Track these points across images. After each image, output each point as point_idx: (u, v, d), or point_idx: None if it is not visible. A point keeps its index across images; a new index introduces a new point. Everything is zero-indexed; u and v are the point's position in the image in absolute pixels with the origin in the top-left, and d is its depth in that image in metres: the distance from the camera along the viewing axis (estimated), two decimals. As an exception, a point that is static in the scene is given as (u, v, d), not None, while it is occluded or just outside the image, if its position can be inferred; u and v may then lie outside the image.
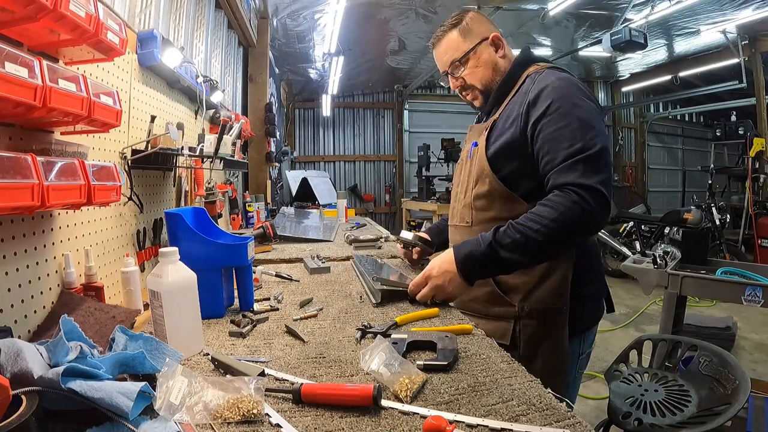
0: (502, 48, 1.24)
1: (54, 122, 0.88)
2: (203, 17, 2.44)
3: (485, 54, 1.22)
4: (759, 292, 1.87)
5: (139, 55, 1.43)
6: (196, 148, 1.71)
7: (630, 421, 1.25)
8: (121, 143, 1.31)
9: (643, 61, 6.98)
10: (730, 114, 6.14)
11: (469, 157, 1.25)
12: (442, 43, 1.26)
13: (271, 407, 0.65)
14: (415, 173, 6.37)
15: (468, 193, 1.22)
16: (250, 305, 1.11)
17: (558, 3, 4.36)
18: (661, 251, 2.30)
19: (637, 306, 4.39)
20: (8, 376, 0.56)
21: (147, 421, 0.59)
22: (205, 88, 2.01)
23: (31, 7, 0.69)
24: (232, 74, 3.29)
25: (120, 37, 0.95)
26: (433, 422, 0.58)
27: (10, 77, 0.64)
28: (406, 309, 1.13)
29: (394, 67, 6.65)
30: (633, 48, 4.41)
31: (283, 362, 0.82)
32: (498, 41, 1.23)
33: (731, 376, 1.28)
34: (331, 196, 4.80)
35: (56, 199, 0.75)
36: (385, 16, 4.77)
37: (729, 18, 4.89)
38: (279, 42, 4.89)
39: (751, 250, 5.31)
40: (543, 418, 0.63)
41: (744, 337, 3.55)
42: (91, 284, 1.02)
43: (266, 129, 3.72)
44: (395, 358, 0.75)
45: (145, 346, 0.71)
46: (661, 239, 5.09)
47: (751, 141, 5.51)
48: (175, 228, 1.04)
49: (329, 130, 7.85)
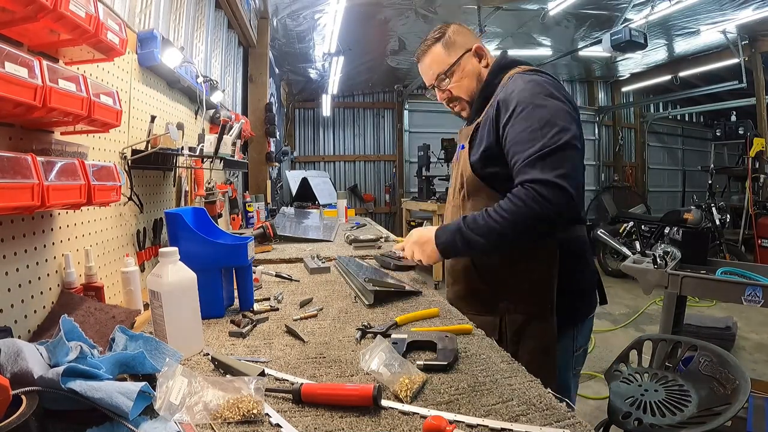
0: (485, 58, 1.27)
1: (54, 122, 0.88)
2: (203, 17, 2.44)
3: (469, 65, 1.26)
4: (759, 292, 1.87)
5: (139, 55, 1.43)
6: (196, 148, 1.71)
7: (630, 421, 1.25)
8: (121, 143, 1.31)
9: (643, 61, 6.98)
10: (730, 114, 6.14)
11: (457, 159, 1.30)
12: (427, 57, 1.29)
13: (271, 407, 0.65)
14: (415, 173, 6.37)
15: (456, 194, 1.27)
16: (250, 305, 1.11)
17: (558, 3, 4.36)
18: (661, 251, 2.30)
19: (637, 306, 4.39)
20: (8, 376, 0.56)
21: (147, 421, 0.59)
22: (205, 88, 2.01)
23: (31, 7, 0.69)
24: (232, 74, 3.29)
25: (120, 37, 0.95)
26: (433, 422, 0.58)
27: (10, 77, 0.64)
28: (406, 309, 1.13)
29: (394, 67, 6.65)
30: (633, 48, 4.40)
31: (283, 362, 0.82)
32: (481, 51, 1.27)
33: (731, 376, 1.28)
34: (331, 196, 4.80)
35: (56, 199, 0.75)
36: (385, 16, 4.77)
37: (729, 18, 4.88)
38: (279, 42, 4.88)
39: (751, 250, 5.31)
40: (543, 418, 0.63)
41: (744, 337, 3.55)
42: (91, 284, 1.02)
43: (266, 129, 3.72)
44: (395, 358, 0.75)
45: (145, 346, 0.71)
46: (661, 239, 5.09)
47: (751, 141, 5.51)
48: (175, 228, 1.04)
49: (329, 130, 7.85)
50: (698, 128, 9.15)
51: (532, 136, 1.05)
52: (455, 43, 1.26)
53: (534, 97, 1.09)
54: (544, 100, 1.08)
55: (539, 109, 1.07)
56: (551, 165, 1.01)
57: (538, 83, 1.12)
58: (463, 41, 1.26)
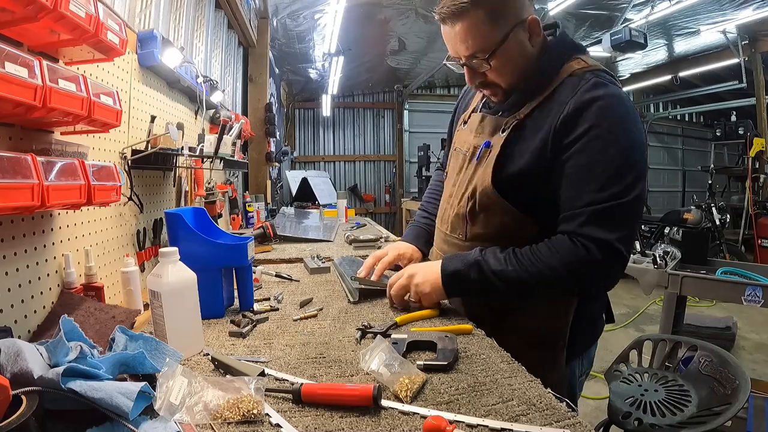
0: (537, 35, 0.95)
1: (54, 122, 0.88)
2: (203, 17, 2.44)
3: (518, 45, 0.93)
4: (759, 292, 1.87)
5: (139, 55, 1.43)
6: (196, 148, 1.71)
7: (630, 421, 1.25)
8: (121, 143, 1.31)
9: (643, 61, 6.98)
10: (730, 114, 6.15)
11: (476, 159, 1.02)
12: (463, 23, 0.90)
13: (271, 407, 0.65)
14: (415, 173, 6.38)
15: (463, 201, 1.03)
16: (250, 305, 1.11)
17: (558, 3, 4.37)
18: (661, 251, 2.30)
19: (637, 306, 4.39)
20: (8, 376, 0.56)
21: (147, 421, 0.59)
22: (205, 88, 2.01)
23: (31, 7, 0.69)
24: (232, 74, 3.29)
25: (120, 37, 0.95)
26: (433, 422, 0.58)
27: (10, 77, 0.63)
28: (405, 309, 1.13)
29: (394, 67, 6.65)
30: (633, 48, 4.41)
31: (283, 362, 0.82)
32: (535, 26, 0.93)
33: (731, 376, 1.28)
34: (331, 196, 4.80)
35: (56, 199, 0.75)
36: (385, 16, 4.77)
37: (729, 18, 4.89)
38: (279, 42, 4.88)
39: (751, 250, 5.32)
40: (543, 418, 0.63)
41: (744, 337, 3.55)
42: (91, 284, 1.02)
43: (266, 129, 3.72)
44: (395, 358, 0.75)
45: (145, 346, 0.71)
46: (661, 239, 5.09)
47: (751, 141, 5.52)
48: (175, 228, 1.04)
49: (329, 130, 7.85)
50: (698, 128, 9.15)
51: (603, 176, 0.85)
52: (506, 12, 0.90)
53: (616, 123, 0.86)
54: (627, 133, 0.86)
55: (619, 143, 0.85)
56: (617, 224, 0.85)
57: (624, 102, 0.89)
58: (516, 9, 0.91)
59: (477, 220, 1.01)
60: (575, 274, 0.88)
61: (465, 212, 1.03)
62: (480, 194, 0.98)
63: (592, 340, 1.14)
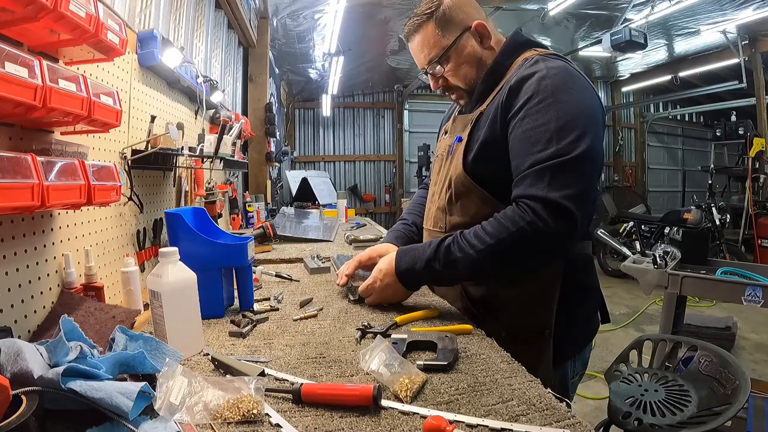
0: (487, 38, 1.05)
1: (54, 122, 0.88)
2: (203, 17, 2.44)
3: (468, 47, 1.04)
4: (759, 292, 1.87)
5: (139, 55, 1.43)
6: (196, 148, 1.71)
7: (630, 421, 1.25)
8: (121, 143, 1.31)
9: (643, 61, 6.98)
10: (730, 114, 6.15)
11: (450, 153, 1.09)
12: (417, 36, 1.06)
13: (271, 407, 0.65)
14: (415, 173, 6.39)
15: (442, 193, 1.09)
16: (250, 305, 1.11)
17: (558, 3, 4.37)
18: (661, 251, 2.30)
19: (637, 306, 4.39)
20: (8, 376, 0.56)
21: (147, 421, 0.59)
22: (205, 88, 2.01)
23: (31, 7, 0.69)
24: (232, 74, 3.29)
25: (120, 37, 0.95)
26: (433, 422, 0.58)
27: (10, 77, 0.63)
28: (405, 309, 1.13)
29: (394, 67, 6.65)
30: (633, 48, 4.41)
31: (283, 362, 0.82)
32: (482, 30, 1.04)
33: (731, 376, 1.28)
34: (331, 196, 4.80)
35: (56, 199, 0.75)
36: (385, 16, 4.77)
37: (729, 18, 4.89)
38: (279, 42, 4.89)
39: (751, 250, 5.32)
40: (543, 418, 0.63)
41: (744, 337, 3.55)
42: (91, 284, 1.02)
43: (266, 129, 3.72)
44: (395, 358, 0.75)
45: (145, 346, 0.71)
46: (661, 239, 5.10)
47: (751, 141, 5.52)
48: (175, 228, 1.04)
49: (329, 130, 7.86)
50: (698, 128, 9.16)
51: (544, 137, 0.86)
52: (452, 20, 1.03)
53: (557, 88, 0.89)
54: (569, 94, 0.89)
55: (560, 104, 0.87)
56: (561, 181, 0.84)
57: (565, 71, 0.92)
58: (461, 17, 1.03)
59: (455, 210, 1.06)
60: (523, 239, 0.86)
61: (444, 204, 1.08)
62: (455, 182, 1.03)
63: (587, 339, 1.13)
